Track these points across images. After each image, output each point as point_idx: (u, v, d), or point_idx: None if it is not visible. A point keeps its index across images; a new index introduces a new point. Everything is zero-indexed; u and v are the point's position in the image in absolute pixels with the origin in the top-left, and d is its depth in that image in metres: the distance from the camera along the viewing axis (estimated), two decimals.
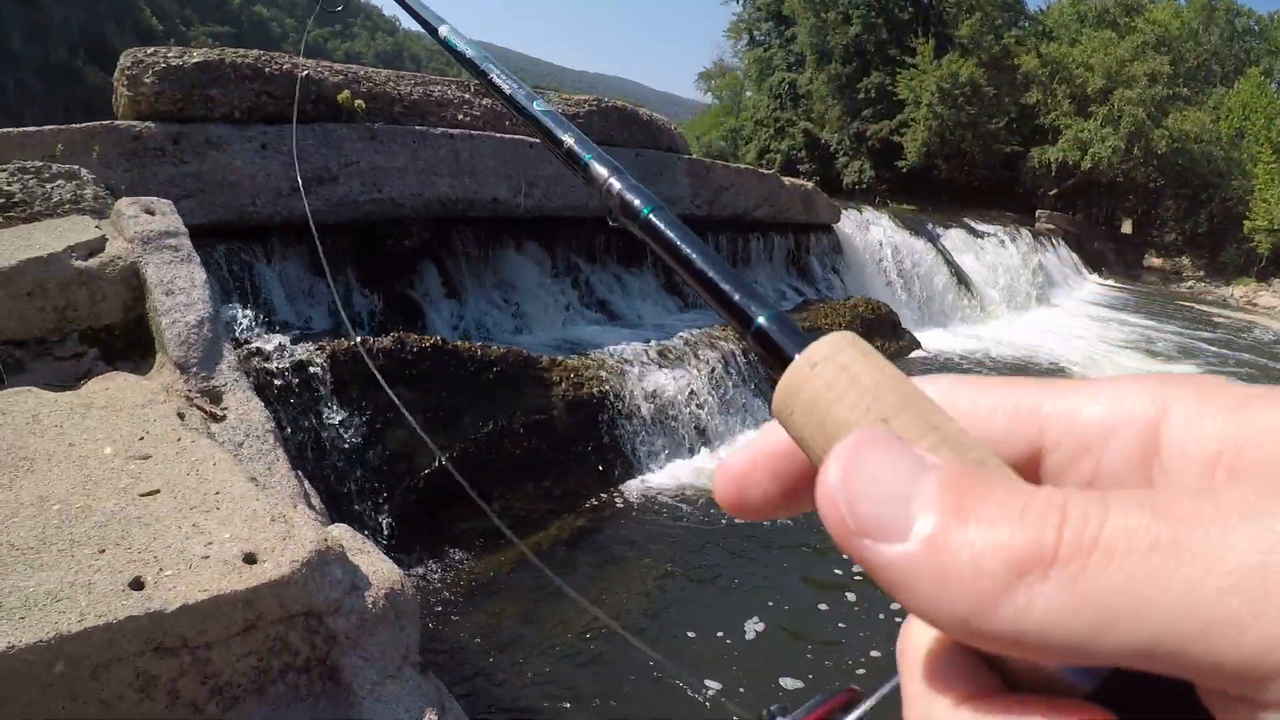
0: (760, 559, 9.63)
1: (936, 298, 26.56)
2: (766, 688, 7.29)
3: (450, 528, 9.00)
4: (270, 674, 2.76)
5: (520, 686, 6.93)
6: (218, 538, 2.77)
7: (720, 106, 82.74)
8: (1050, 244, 41.56)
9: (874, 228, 25.86)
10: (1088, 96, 50.49)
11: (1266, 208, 47.72)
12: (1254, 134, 53.75)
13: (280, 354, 8.32)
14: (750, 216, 19.06)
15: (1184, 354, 27.09)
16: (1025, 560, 0.32)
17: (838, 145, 59.84)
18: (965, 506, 0.34)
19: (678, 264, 0.72)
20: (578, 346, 12.37)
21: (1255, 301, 46.75)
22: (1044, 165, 52.48)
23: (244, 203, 9.74)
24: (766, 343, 0.55)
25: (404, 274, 11.97)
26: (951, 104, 50.24)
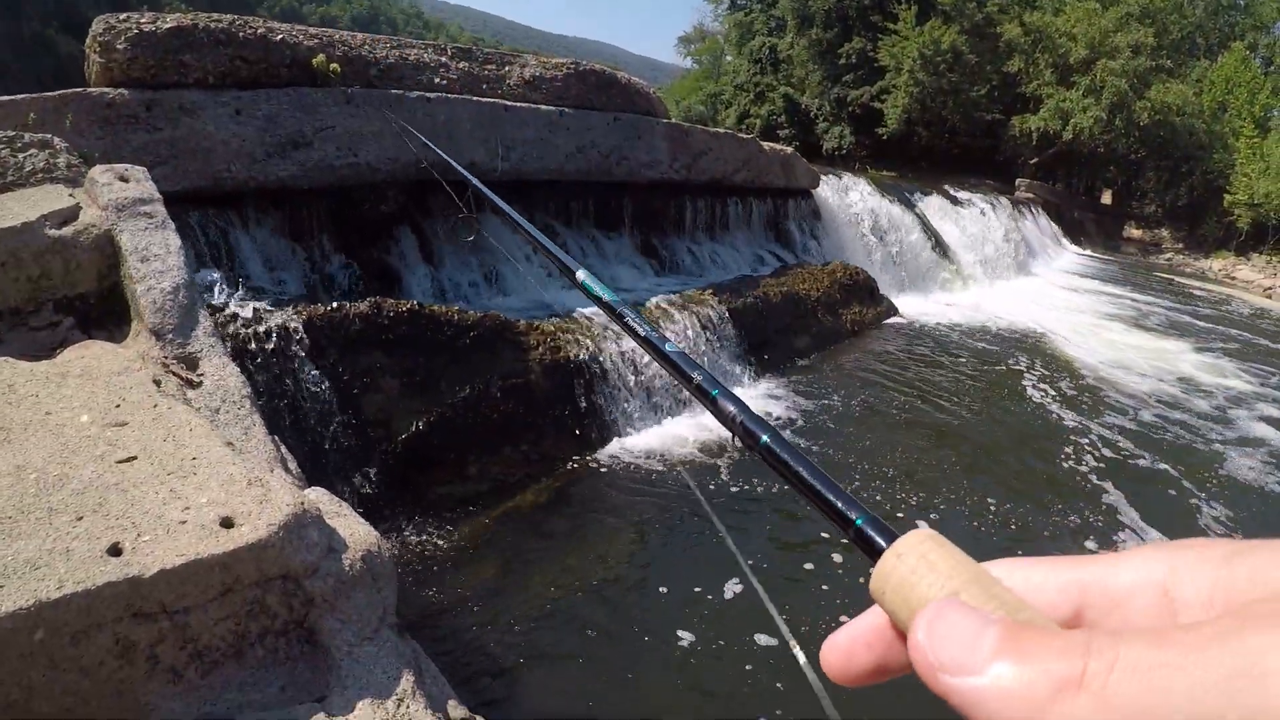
0: (740, 523, 9.70)
1: (915, 264, 26.63)
2: (743, 644, 7.39)
3: (428, 491, 9.06)
4: (248, 637, 2.80)
5: (498, 647, 7.00)
6: (195, 503, 2.79)
7: (700, 71, 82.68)
8: (1030, 213, 41.66)
9: (853, 193, 25.87)
10: (1070, 66, 50.49)
11: (1247, 182, 48.09)
12: (1236, 108, 54.18)
13: (257, 319, 8.32)
14: (729, 181, 19.04)
15: (1169, 328, 27.18)
16: (1063, 682, 0.45)
17: (818, 111, 59.84)
18: (1019, 649, 0.49)
19: (791, 479, 0.92)
20: (555, 311, 12.38)
21: (1234, 275, 47.19)
22: (1025, 134, 52.52)
23: (218, 169, 9.67)
24: (864, 538, 0.76)
25: (381, 239, 11.93)
26: (933, 71, 50.25)
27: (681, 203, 18.13)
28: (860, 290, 20.53)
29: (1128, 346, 22.95)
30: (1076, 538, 10.23)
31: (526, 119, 13.30)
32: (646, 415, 11.94)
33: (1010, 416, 15.03)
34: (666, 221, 17.78)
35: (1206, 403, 17.67)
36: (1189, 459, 13.67)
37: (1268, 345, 26.41)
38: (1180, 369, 20.96)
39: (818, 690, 0.94)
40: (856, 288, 20.34)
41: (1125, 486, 11.95)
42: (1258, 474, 13.46)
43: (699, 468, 10.91)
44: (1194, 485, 12.44)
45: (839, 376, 15.78)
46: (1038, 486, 11.76)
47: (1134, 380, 18.91)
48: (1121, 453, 13.46)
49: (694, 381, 1.23)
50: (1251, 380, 20.95)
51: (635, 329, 1.49)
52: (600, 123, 14.77)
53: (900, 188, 30.57)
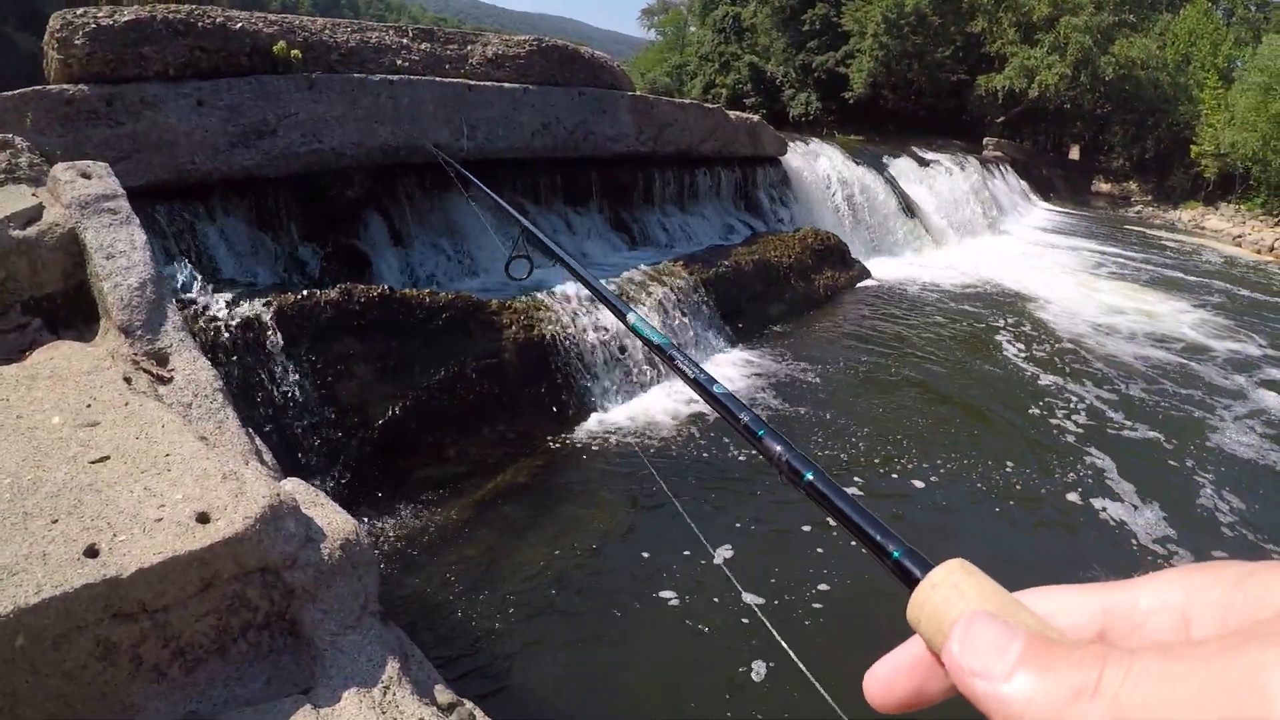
0: (719, 491, 9.75)
1: (886, 227, 26.70)
2: (726, 610, 7.44)
3: (407, 477, 9.05)
4: (231, 632, 2.79)
5: (484, 629, 7.01)
6: (170, 499, 2.79)
7: (664, 42, 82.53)
8: (998, 171, 41.78)
9: (821, 159, 25.87)
10: (1033, 24, 50.63)
11: (1213, 132, 48.40)
12: (1200, 60, 54.54)
13: (227, 311, 8.28)
14: (696, 151, 19.02)
15: (1142, 279, 27.35)
16: (1080, 688, 0.50)
17: (783, 78, 59.87)
18: (1041, 659, 0.53)
19: (834, 514, 0.99)
20: (527, 288, 12.36)
21: (1203, 225, 47.57)
22: (990, 93, 52.64)
23: (182, 161, 9.59)
24: (901, 568, 0.81)
25: (349, 224, 11.87)
26: (897, 34, 50.32)
27: (650, 175, 18.11)
28: (832, 255, 20.57)
29: (1100, 299, 23.06)
30: (1056, 495, 10.31)
31: (490, 98, 13.23)
32: (624, 389, 11.95)
33: (986, 374, 15.11)
34: (635, 195, 17.76)
35: (1183, 351, 17.80)
36: (1167, 411, 13.79)
37: (1243, 294, 26.62)
38: (1156, 320, 21.12)
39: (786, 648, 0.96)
40: (828, 253, 20.38)
41: (1104, 441, 12.06)
42: (1234, 414, 13.59)
43: (675, 439, 10.93)
44: (1172, 435, 12.55)
45: (814, 342, 15.84)
46: (1017, 444, 11.83)
47: (1107, 332, 19.04)
48: (1100, 406, 13.56)
49: (742, 421, 1.29)
50: (1228, 326, 21.17)
51: (685, 371, 1.53)
52: (564, 98, 14.72)
53: (868, 151, 30.62)
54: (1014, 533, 9.54)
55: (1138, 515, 9.91)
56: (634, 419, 11.39)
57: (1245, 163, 46.35)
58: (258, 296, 8.71)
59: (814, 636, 7.29)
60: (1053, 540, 9.48)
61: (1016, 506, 9.97)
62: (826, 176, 25.40)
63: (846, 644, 7.13)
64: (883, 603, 7.71)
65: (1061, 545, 9.38)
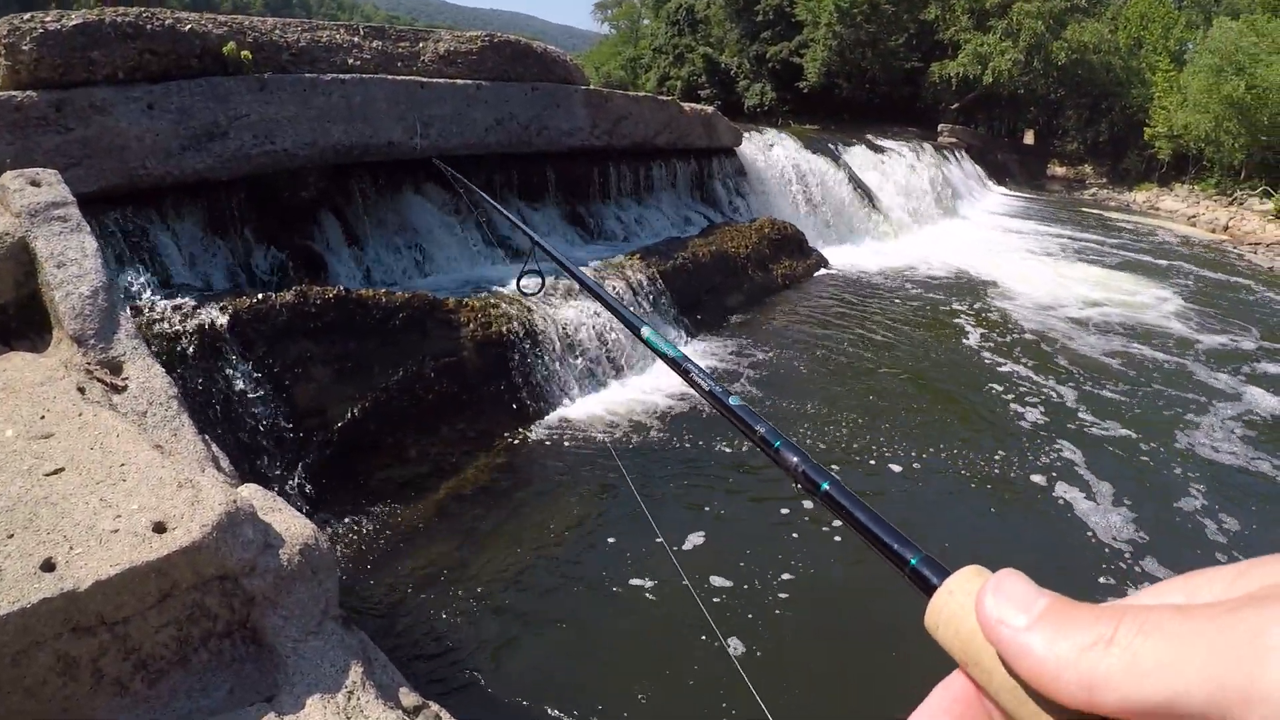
0: (679, 484, 9.78)
1: (843, 215, 26.82)
2: (691, 598, 7.47)
3: (368, 479, 9.02)
4: (192, 642, 2.80)
5: (449, 629, 7.01)
6: (126, 510, 2.79)
7: (618, 36, 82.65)
8: (954, 157, 42.03)
9: (777, 149, 25.96)
10: (986, 11, 51.12)
11: (1165, 114, 49.06)
12: (1152, 43, 55.35)
13: (182, 317, 8.22)
14: (651, 144, 19.05)
15: (1097, 259, 27.70)
16: (1098, 639, 0.53)
17: (738, 69, 60.07)
18: (1063, 614, 0.57)
19: (851, 524, 1.00)
20: (484, 286, 12.35)
21: (1157, 206, 48.23)
22: (945, 80, 53.06)
23: (134, 166, 9.47)
24: (919, 576, 0.82)
25: (303, 226, 11.78)
26: (850, 23, 50.55)
27: (605, 169, 18.10)
28: (789, 244, 20.66)
29: (1057, 281, 23.28)
30: (1019, 478, 10.42)
31: (443, 94, 13.19)
32: (584, 384, 11.97)
33: (944, 358, 15.23)
34: (591, 189, 17.73)
35: (1142, 332, 18.00)
36: (1127, 392, 13.94)
37: (1203, 273, 27.03)
38: (1117, 300, 21.35)
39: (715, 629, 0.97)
40: (785, 242, 20.47)
41: (1064, 423, 12.22)
42: (1190, 391, 13.76)
43: (636, 431, 10.96)
44: (1132, 416, 12.71)
45: (773, 331, 15.91)
46: (977, 426, 11.96)
47: (1063, 314, 19.24)
48: (1058, 388, 13.72)
49: (758, 433, 1.30)
50: (1178, 302, 21.51)
51: (700, 384, 1.56)
52: (518, 94, 14.69)
53: (824, 140, 30.69)
54: (977, 518, 9.62)
55: (1104, 503, 10.02)
56: (594, 415, 11.40)
57: (1198, 144, 47.03)
58: (212, 301, 8.64)
59: (780, 628, 7.33)
60: (1018, 524, 9.56)
61: (975, 490, 10.07)
62: (782, 166, 25.49)
63: (813, 636, 7.19)
64: (848, 595, 7.79)
65: (1028, 529, 9.46)
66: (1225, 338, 18.37)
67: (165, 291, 8.81)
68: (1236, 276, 27.04)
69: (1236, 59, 42.55)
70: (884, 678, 6.88)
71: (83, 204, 4.75)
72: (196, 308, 8.42)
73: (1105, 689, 0.51)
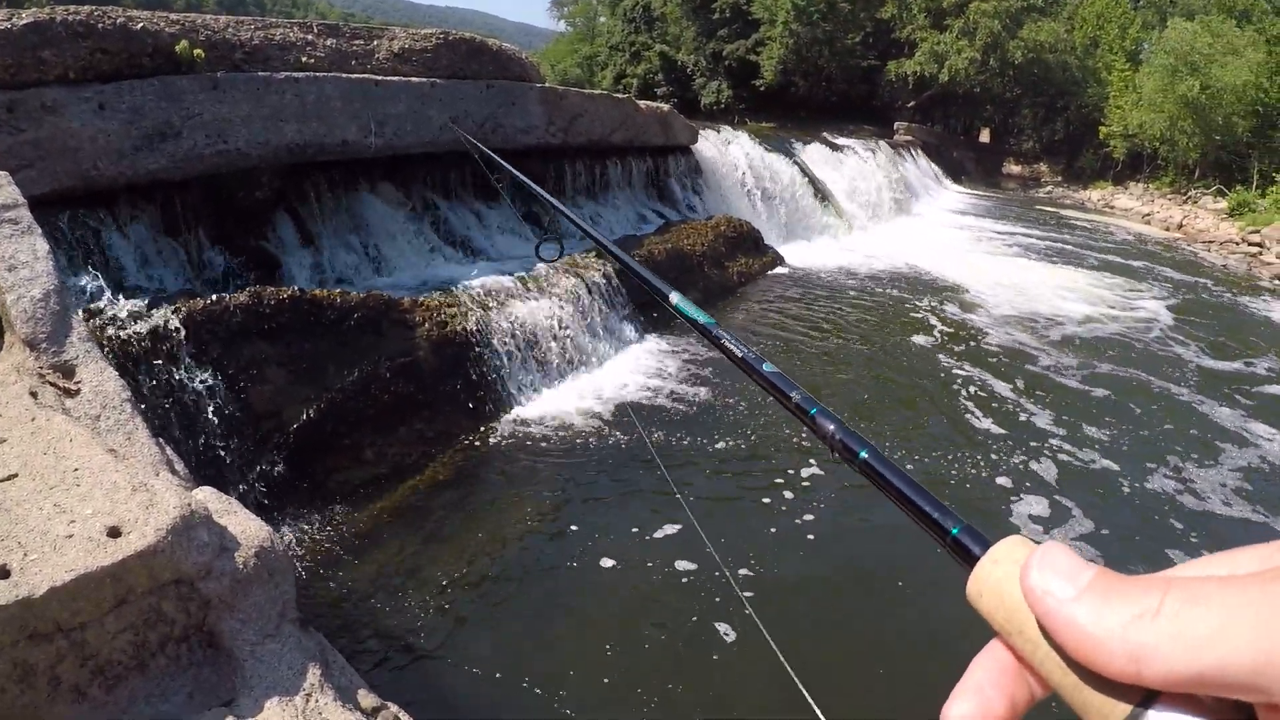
0: (637, 479, 9.83)
1: (798, 213, 26.93)
2: (652, 590, 7.51)
3: (325, 480, 8.99)
4: (149, 647, 2.79)
5: (408, 630, 7.01)
6: (80, 515, 2.78)
7: (575, 33, 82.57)
8: (909, 155, 42.34)
9: (733, 147, 26.05)
10: (943, 10, 51.51)
11: (1121, 113, 49.80)
12: (1108, 43, 56.21)
13: (135, 319, 8.14)
14: (607, 142, 19.05)
15: (1050, 256, 28.03)
16: (1144, 610, 0.54)
17: (694, 66, 60.25)
18: (1109, 584, 0.58)
19: (889, 492, 1.00)
20: (440, 285, 12.33)
21: (1112, 204, 49.00)
22: (901, 79, 53.58)
23: (86, 167, 9.35)
24: (960, 546, 0.81)
25: (257, 226, 11.67)
26: (807, 21, 50.78)
27: (560, 167, 18.09)
28: (745, 242, 20.75)
29: (1010, 277, 23.52)
30: (969, 458, 10.50)
31: (398, 92, 13.13)
32: (539, 383, 11.98)
33: (897, 354, 15.38)
34: (547, 186, 17.50)
35: (1094, 325, 18.21)
36: (1060, 374, 14.12)
37: (1153, 268, 27.46)
38: (1057, 293, 21.55)
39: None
40: (741, 240, 20.56)
41: (1010, 412, 12.32)
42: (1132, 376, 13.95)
43: (590, 429, 10.98)
44: (1069, 401, 12.87)
45: (729, 328, 15.89)
46: (932, 418, 12.04)
47: (1017, 309, 19.42)
48: (1013, 384, 13.85)
49: (793, 400, 1.29)
50: (1134, 296, 21.72)
51: (732, 350, 1.53)
52: (473, 91, 14.66)
53: (780, 138, 30.87)
54: None
55: (1053, 502, 10.13)
56: (551, 412, 11.43)
57: (1153, 143, 47.79)
58: (165, 303, 8.55)
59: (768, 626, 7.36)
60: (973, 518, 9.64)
61: (931, 479, 10.13)
62: (738, 164, 25.59)
63: (809, 635, 7.23)
64: (814, 587, 7.86)
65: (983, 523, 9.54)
66: (1182, 335, 18.62)
67: (118, 294, 8.71)
68: (1192, 275, 27.39)
69: (1191, 59, 43.18)
70: (908, 656, 6.95)
71: (34, 206, 4.71)
72: (150, 310, 8.34)
73: (1152, 660, 0.53)
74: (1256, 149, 43.92)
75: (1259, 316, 22.26)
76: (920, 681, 6.58)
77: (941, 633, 7.18)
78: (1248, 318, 22.06)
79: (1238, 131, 43.98)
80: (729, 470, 10.16)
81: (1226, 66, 42.48)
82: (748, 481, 9.92)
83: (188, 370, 8.25)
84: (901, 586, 8.06)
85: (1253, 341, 18.79)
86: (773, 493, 9.62)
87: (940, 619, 7.33)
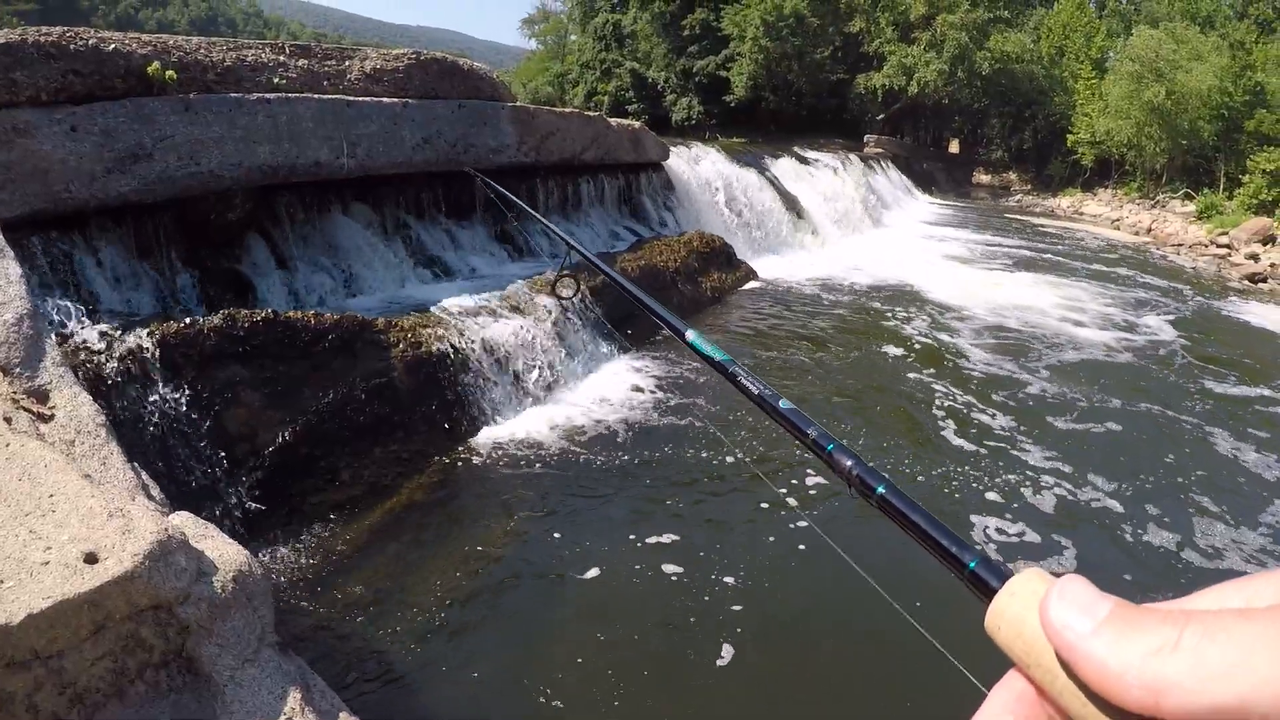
0: (614, 496, 9.82)
1: (770, 227, 27.04)
2: (633, 610, 7.51)
3: (301, 503, 8.95)
4: (128, 674, 2.78)
5: (388, 652, 6.97)
6: (56, 541, 2.77)
7: (545, 51, 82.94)
8: (880, 167, 42.65)
9: (704, 162, 26.15)
10: (911, 23, 52.13)
11: (1088, 121, 50.64)
12: (1074, 52, 57.23)
13: (108, 344, 8.10)
14: (579, 160, 19.08)
15: (1021, 265, 28.24)
16: (1163, 644, 0.55)
17: (665, 83, 60.64)
18: (1127, 618, 0.59)
19: (907, 527, 1.02)
20: (414, 306, 12.32)
21: (1081, 210, 49.78)
22: (870, 92, 54.17)
23: (57, 189, 9.29)
24: (978, 580, 0.83)
25: (230, 248, 11.63)
26: (776, 36, 51.20)
27: (533, 185, 18.09)
28: (718, 257, 20.82)
29: (982, 286, 23.67)
30: (946, 473, 10.55)
31: (370, 113, 13.13)
32: (515, 401, 11.96)
33: (871, 367, 15.46)
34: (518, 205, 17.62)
35: (1051, 327, 18.30)
36: (1037, 385, 14.19)
37: (1125, 273, 27.58)
38: (1030, 301, 21.72)
39: None
40: (714, 255, 20.62)
41: (986, 427, 12.37)
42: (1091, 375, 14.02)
43: (571, 445, 10.98)
44: (1041, 407, 12.92)
45: None
46: (908, 434, 12.07)
47: (989, 320, 19.54)
48: (982, 394, 13.92)
49: (809, 437, 1.31)
50: (1104, 301, 21.82)
51: (748, 388, 1.56)
52: (445, 111, 14.66)
53: (751, 153, 30.99)
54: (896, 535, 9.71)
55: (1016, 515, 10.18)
56: (527, 431, 11.41)
57: (1120, 149, 48.61)
58: (139, 326, 8.50)
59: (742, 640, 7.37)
60: None
61: None
62: (710, 180, 25.68)
63: (790, 653, 7.23)
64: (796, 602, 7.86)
65: None
66: (1150, 336, 18.73)
67: (91, 317, 8.66)
68: (1164, 279, 27.58)
69: (1157, 66, 43.83)
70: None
71: (5, 229, 4.70)
72: (123, 333, 8.29)
73: (1171, 693, 0.53)
74: (1222, 152, 44.70)
75: (1235, 320, 22.55)
76: (931, 708, 6.60)
77: (955, 654, 7.20)
78: (1223, 319, 22.50)
79: (1204, 135, 44.77)
80: (710, 488, 10.15)
81: (1191, 72, 43.26)
82: (735, 498, 9.95)
83: (162, 394, 8.21)
84: (911, 602, 8.08)
85: (1230, 342, 19.02)
86: (760, 505, 9.66)
87: (951, 640, 7.34)
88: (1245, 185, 39.98)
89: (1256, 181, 38.93)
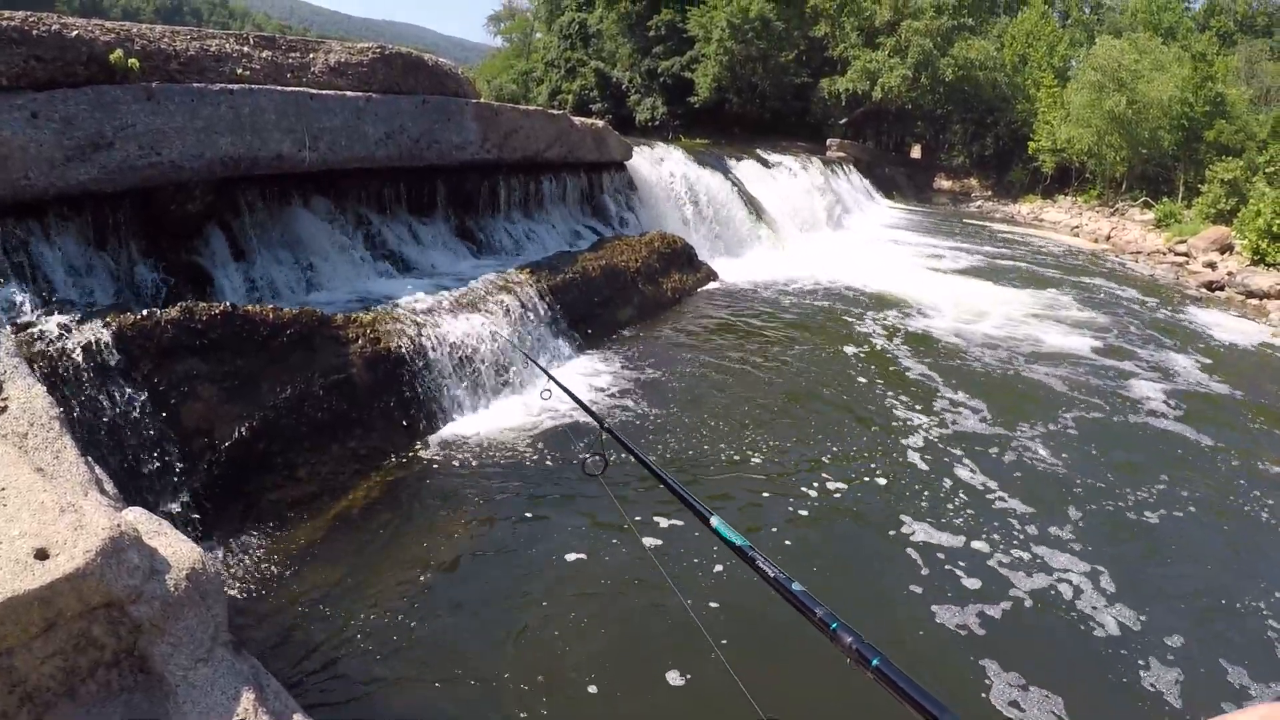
0: (572, 493, 9.81)
1: (732, 228, 27.16)
2: (587, 612, 7.51)
3: (258, 499, 8.87)
4: (79, 673, 2.76)
5: (344, 651, 6.93)
6: (6, 536, 2.74)
7: (511, 49, 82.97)
8: (842, 171, 42.90)
9: (667, 163, 26.21)
10: (875, 28, 52.53)
11: (1049, 129, 51.43)
12: (1036, 60, 58.06)
13: (63, 335, 8.00)
14: (542, 158, 19.09)
15: (978, 269, 28.43)
16: None
17: (630, 83, 60.84)
18: None
19: (902, 697, 1.08)
20: (373, 301, 12.28)
21: (1041, 217, 50.45)
22: (834, 95, 54.59)
23: (16, 177, 9.16)
24: None
25: (190, 240, 11.53)
26: (741, 39, 51.55)
27: (495, 183, 18.07)
28: (679, 258, 20.87)
29: (941, 290, 23.82)
30: (898, 473, 10.61)
31: (333, 106, 13.05)
32: (474, 399, 11.95)
33: (827, 369, 15.53)
34: (481, 202, 17.69)
35: (1008, 330, 18.44)
36: (989, 379, 14.25)
37: (1082, 280, 27.82)
38: (987, 306, 21.92)
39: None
40: (675, 256, 20.68)
41: (944, 421, 12.45)
42: (1049, 371, 14.11)
43: (531, 442, 10.96)
44: (989, 404, 12.99)
45: (663, 344, 16.05)
46: (859, 436, 12.12)
47: (946, 322, 19.71)
48: (936, 388, 14.02)
49: (816, 616, 1.43)
50: (1061, 307, 22.01)
51: (765, 570, 1.70)
52: (409, 106, 14.61)
53: (714, 155, 31.09)
54: (861, 538, 9.77)
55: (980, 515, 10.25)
56: (486, 428, 11.40)
57: (1080, 157, 49.41)
58: (96, 318, 8.40)
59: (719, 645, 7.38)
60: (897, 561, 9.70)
61: (858, 510, 10.23)
62: (672, 181, 25.78)
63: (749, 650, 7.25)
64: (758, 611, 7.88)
65: (902, 570, 9.60)
66: (1109, 342, 18.89)
67: (47, 308, 8.56)
68: (1121, 285, 27.83)
69: (1119, 75, 44.43)
70: None
71: None
72: (79, 325, 8.20)
73: None
74: (1182, 161, 45.38)
75: (1188, 326, 22.72)
76: None
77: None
78: (1180, 325, 22.62)
79: (1163, 145, 45.51)
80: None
81: (1152, 82, 43.86)
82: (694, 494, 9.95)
83: (117, 387, 8.13)
84: (862, 601, 8.11)
85: (1191, 344, 19.17)
86: (717, 505, 9.66)
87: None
88: (1204, 194, 40.62)
89: (1215, 191, 39.53)
